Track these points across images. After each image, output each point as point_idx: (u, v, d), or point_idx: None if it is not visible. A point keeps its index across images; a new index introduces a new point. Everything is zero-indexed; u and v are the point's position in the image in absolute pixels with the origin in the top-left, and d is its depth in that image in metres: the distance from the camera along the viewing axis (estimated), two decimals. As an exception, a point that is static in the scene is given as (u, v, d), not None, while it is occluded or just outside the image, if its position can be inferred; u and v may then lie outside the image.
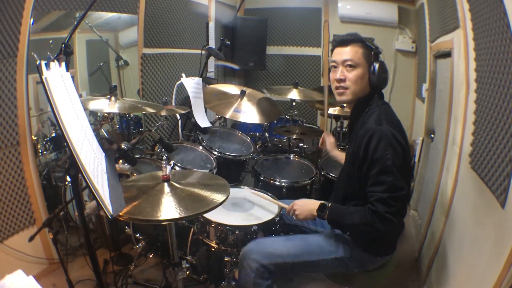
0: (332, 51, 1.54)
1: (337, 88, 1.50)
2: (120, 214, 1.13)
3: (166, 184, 1.34)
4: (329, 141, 1.92)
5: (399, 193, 1.30)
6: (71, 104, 1.07)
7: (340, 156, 1.85)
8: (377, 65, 1.44)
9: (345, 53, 1.46)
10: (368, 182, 1.35)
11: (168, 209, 1.21)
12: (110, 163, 1.25)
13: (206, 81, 2.80)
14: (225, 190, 1.37)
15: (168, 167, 1.37)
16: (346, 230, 1.50)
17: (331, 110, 2.94)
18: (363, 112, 1.47)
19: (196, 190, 1.35)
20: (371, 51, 1.46)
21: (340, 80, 1.47)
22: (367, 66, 1.45)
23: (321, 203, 1.48)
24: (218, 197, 1.31)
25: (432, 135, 2.70)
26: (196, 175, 1.56)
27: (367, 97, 1.49)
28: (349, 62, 1.45)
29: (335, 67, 1.50)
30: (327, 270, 1.57)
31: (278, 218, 1.72)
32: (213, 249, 1.69)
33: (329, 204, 1.46)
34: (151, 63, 2.76)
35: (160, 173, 1.37)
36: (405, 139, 1.40)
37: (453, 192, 1.80)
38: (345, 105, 2.51)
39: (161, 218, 1.17)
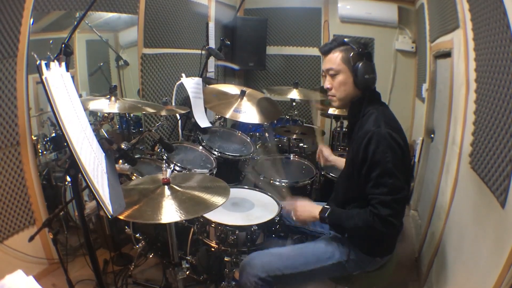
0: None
1: (328, 96, 1.55)
2: (121, 217, 1.13)
3: (166, 187, 1.34)
4: (324, 150, 1.94)
5: (401, 195, 1.31)
6: (71, 104, 1.07)
7: (339, 161, 1.87)
8: (360, 66, 1.41)
9: (327, 61, 1.49)
10: (369, 184, 1.35)
11: (169, 212, 1.21)
12: (110, 163, 1.25)
13: (206, 81, 2.80)
14: (225, 192, 1.37)
15: (169, 171, 1.37)
16: (347, 233, 1.49)
17: (331, 110, 2.94)
18: (359, 113, 1.48)
19: (197, 193, 1.36)
20: (350, 53, 1.43)
21: (327, 89, 1.52)
22: (348, 69, 1.44)
23: (323, 206, 1.48)
24: (218, 199, 1.31)
25: (432, 135, 2.70)
26: (196, 178, 1.56)
27: (359, 99, 1.49)
28: (331, 72, 1.48)
29: (324, 76, 1.54)
30: (326, 276, 1.57)
31: (278, 218, 1.73)
32: (213, 249, 1.69)
33: (331, 208, 1.46)
34: (151, 63, 2.76)
35: (161, 176, 1.37)
36: (404, 140, 1.40)
37: (453, 192, 1.80)
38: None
39: (161, 221, 1.18)
